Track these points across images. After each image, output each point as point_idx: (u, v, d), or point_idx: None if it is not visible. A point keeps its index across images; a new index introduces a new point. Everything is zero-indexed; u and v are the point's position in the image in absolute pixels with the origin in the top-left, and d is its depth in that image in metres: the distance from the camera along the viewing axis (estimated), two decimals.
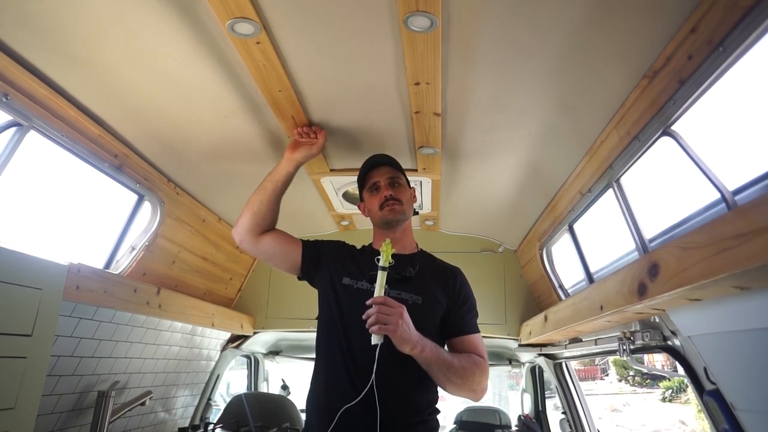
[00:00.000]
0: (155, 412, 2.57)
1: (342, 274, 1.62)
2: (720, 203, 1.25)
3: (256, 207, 1.68)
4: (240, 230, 1.69)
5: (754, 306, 1.03)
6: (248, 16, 1.23)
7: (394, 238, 1.64)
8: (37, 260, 1.37)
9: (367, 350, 1.36)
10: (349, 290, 1.57)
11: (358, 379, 1.42)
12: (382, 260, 1.40)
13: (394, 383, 1.44)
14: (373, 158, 1.72)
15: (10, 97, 1.39)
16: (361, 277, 1.59)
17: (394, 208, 1.64)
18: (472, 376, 1.48)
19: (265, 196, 1.69)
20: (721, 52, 1.07)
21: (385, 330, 1.33)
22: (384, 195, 1.65)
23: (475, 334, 1.61)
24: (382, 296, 1.38)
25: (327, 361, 1.55)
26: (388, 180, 1.68)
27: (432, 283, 1.61)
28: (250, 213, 1.69)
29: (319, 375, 1.57)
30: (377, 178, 1.70)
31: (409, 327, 1.36)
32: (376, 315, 1.33)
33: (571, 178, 2.00)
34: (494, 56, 1.42)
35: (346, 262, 1.66)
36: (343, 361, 1.49)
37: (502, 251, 3.15)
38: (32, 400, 1.33)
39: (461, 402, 4.76)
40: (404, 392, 1.48)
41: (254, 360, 4.00)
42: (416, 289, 1.56)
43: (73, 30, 1.32)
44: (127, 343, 2.12)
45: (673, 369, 1.70)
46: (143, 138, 1.90)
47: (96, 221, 2.22)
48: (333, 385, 1.49)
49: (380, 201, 1.65)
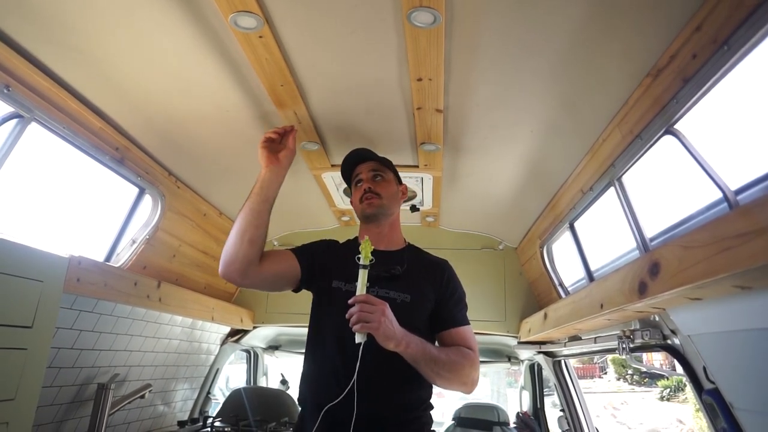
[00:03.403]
0: (154, 405, 2.58)
1: (332, 276, 1.59)
2: (722, 203, 1.24)
3: (254, 233, 1.50)
4: (239, 267, 1.48)
5: (754, 306, 1.03)
6: (251, 9, 1.22)
7: (380, 233, 1.64)
8: (38, 252, 1.38)
9: (353, 349, 1.36)
10: (338, 292, 1.55)
11: (343, 379, 1.41)
12: (363, 258, 1.39)
13: (381, 381, 1.44)
14: (356, 152, 1.71)
15: (12, 89, 1.39)
16: (351, 278, 1.53)
17: (372, 201, 1.63)
18: (461, 369, 1.47)
19: (262, 219, 1.52)
20: (725, 50, 1.07)
21: (368, 328, 1.31)
22: (363, 188, 1.65)
23: (465, 326, 1.59)
24: (364, 294, 1.37)
25: (314, 359, 1.56)
26: (371, 174, 1.68)
27: (420, 280, 1.59)
28: (248, 242, 1.48)
29: (308, 372, 1.58)
30: (360, 172, 1.70)
31: (392, 323, 1.35)
32: (358, 313, 1.32)
33: (573, 176, 1.99)
34: (497, 53, 1.42)
35: (334, 263, 1.62)
36: (331, 360, 1.49)
37: (503, 248, 3.15)
38: (32, 391, 1.34)
39: (459, 399, 4.77)
40: (392, 390, 1.47)
41: (254, 354, 4.01)
42: (404, 287, 1.55)
43: (75, 22, 1.32)
44: (127, 336, 2.12)
45: (671, 368, 1.71)
46: (145, 131, 1.89)
47: (97, 214, 2.22)
48: (321, 384, 1.50)
49: (360, 194, 1.66)
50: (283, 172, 1.61)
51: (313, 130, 1.90)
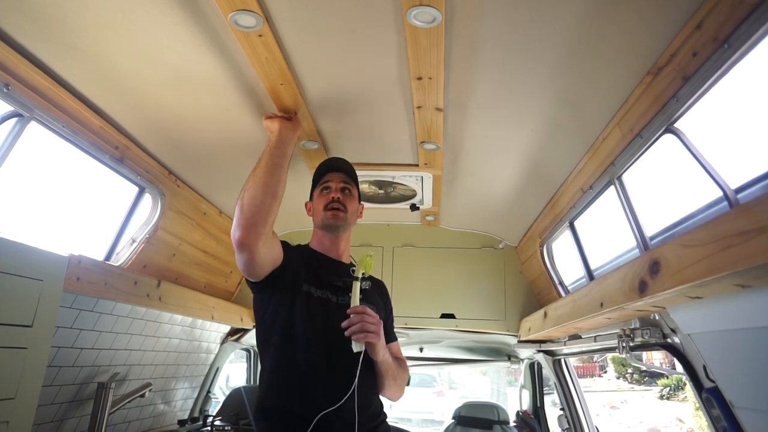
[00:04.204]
0: (155, 404, 2.58)
1: (300, 279, 1.53)
2: (722, 201, 1.24)
3: (279, 190, 1.39)
4: (260, 228, 1.34)
5: (754, 304, 1.03)
6: (251, 8, 1.22)
7: (336, 245, 1.68)
8: (38, 251, 1.37)
9: (345, 358, 1.40)
10: (312, 298, 1.51)
11: (332, 389, 1.39)
12: (363, 271, 1.49)
13: (365, 390, 1.47)
14: (332, 161, 1.74)
15: (11, 88, 1.39)
16: (320, 285, 1.54)
17: (338, 214, 1.64)
18: (405, 380, 1.67)
19: (283, 175, 1.42)
20: (726, 49, 1.06)
21: (370, 338, 1.39)
22: (331, 196, 1.66)
23: (396, 341, 1.77)
24: (361, 305, 1.43)
25: (291, 367, 1.46)
26: (341, 186, 1.69)
27: (375, 295, 1.69)
28: (276, 201, 1.37)
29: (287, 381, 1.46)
30: (330, 180, 1.70)
31: (382, 335, 1.47)
32: (361, 324, 1.38)
33: (573, 174, 1.99)
34: (497, 52, 1.42)
35: (300, 266, 1.56)
36: (317, 370, 1.44)
37: (503, 247, 3.14)
38: (32, 390, 1.34)
39: (459, 397, 4.77)
40: (372, 397, 1.55)
41: (254, 353, 4.00)
42: (370, 299, 1.59)
43: (75, 21, 1.32)
44: (127, 335, 2.12)
45: (671, 366, 1.71)
46: (144, 130, 1.89)
47: (97, 213, 2.22)
48: (306, 394, 1.43)
49: (326, 202, 1.66)
50: (299, 128, 1.65)
51: (312, 129, 1.89)
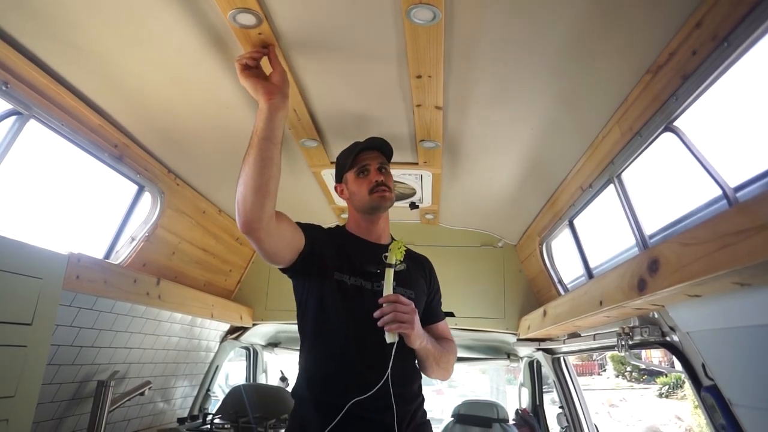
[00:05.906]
0: (154, 402, 2.58)
1: (330, 267, 1.49)
2: (721, 200, 1.25)
3: (272, 186, 1.27)
4: (260, 214, 1.26)
5: (753, 302, 1.03)
6: (250, 6, 1.22)
7: (378, 227, 1.61)
8: (37, 250, 1.37)
9: (377, 348, 1.36)
10: (345, 287, 1.49)
11: (367, 379, 1.37)
12: (395, 258, 1.42)
13: (402, 378, 1.44)
14: (370, 140, 1.61)
15: (10, 86, 1.39)
16: (354, 272, 1.50)
17: (385, 195, 1.56)
18: (451, 361, 1.61)
19: (275, 166, 1.28)
20: (725, 47, 1.07)
21: (404, 328, 1.34)
22: (375, 179, 1.57)
23: (444, 320, 1.71)
24: (394, 294, 1.37)
25: (326, 357, 1.47)
26: (379, 166, 1.60)
27: (416, 275, 1.61)
28: (269, 198, 1.27)
29: (322, 371, 1.47)
30: (368, 161, 1.60)
31: (418, 322, 1.40)
32: (395, 314, 1.32)
33: (572, 173, 1.99)
34: (496, 50, 1.42)
35: (331, 252, 1.52)
36: (351, 359, 1.43)
37: (502, 246, 3.15)
38: (32, 388, 1.34)
39: (458, 396, 4.77)
40: (410, 383, 1.51)
41: (253, 351, 4.01)
42: (407, 282, 1.53)
43: (74, 19, 1.31)
44: (127, 333, 2.12)
45: (670, 365, 1.71)
46: (144, 128, 1.89)
47: (96, 211, 2.22)
48: (340, 384, 1.42)
49: (370, 185, 1.57)
50: (286, 100, 1.31)
51: (312, 127, 1.89)
